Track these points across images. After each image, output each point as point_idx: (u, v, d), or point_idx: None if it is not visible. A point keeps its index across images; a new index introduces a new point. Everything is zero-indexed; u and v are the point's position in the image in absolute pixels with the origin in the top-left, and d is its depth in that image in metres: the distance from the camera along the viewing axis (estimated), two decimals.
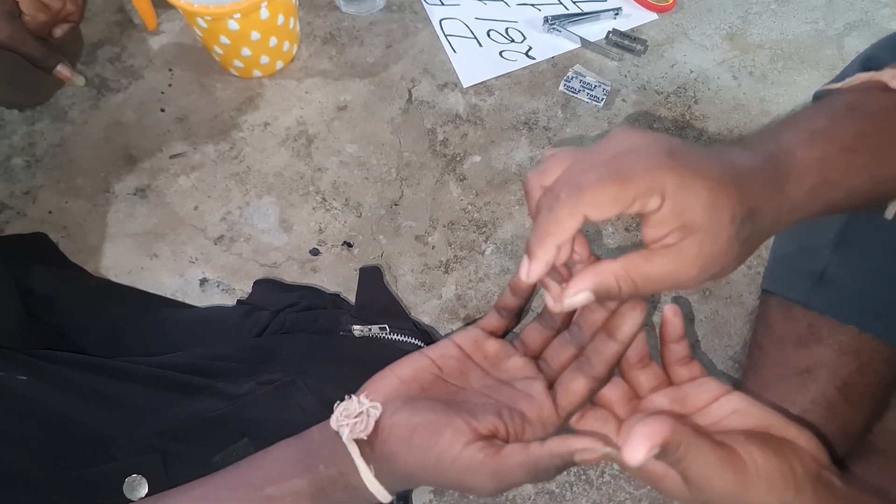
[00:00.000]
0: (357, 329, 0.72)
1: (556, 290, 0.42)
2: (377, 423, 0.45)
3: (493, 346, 0.49)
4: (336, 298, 0.82)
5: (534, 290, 0.49)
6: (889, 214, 0.50)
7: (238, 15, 0.86)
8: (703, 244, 0.40)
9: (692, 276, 0.41)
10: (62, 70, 0.90)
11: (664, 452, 0.38)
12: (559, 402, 0.45)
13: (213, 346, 0.72)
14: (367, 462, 0.45)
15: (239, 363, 0.68)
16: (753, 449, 0.41)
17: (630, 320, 0.44)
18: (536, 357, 0.49)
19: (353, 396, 0.46)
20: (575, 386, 0.45)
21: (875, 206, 0.48)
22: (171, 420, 0.63)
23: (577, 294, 0.41)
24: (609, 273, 0.40)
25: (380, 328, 0.73)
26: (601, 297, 0.41)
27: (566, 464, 0.41)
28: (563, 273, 0.43)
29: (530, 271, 0.41)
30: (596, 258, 0.43)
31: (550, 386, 0.46)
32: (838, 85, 0.48)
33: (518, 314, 0.51)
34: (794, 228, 0.75)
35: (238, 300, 0.80)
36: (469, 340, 0.49)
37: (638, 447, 0.37)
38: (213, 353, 0.70)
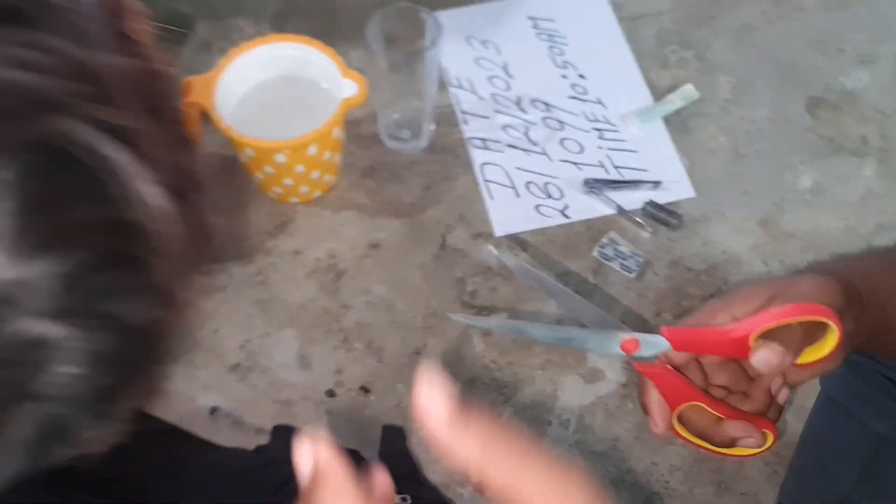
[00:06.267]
0: None
1: None
2: None
3: None
4: (356, 455, 0.80)
5: None
6: None
7: (287, 151, 0.87)
8: None
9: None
10: None
11: None
12: None
13: (230, 497, 0.70)
14: None
15: None
16: None
17: None
18: None
19: None
20: None
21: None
22: None
23: None
24: None
25: (401, 498, 0.71)
26: None
27: None
28: None
29: None
30: None
31: None
32: None
33: None
34: (816, 445, 0.75)
35: (257, 447, 0.78)
36: None
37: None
38: None
